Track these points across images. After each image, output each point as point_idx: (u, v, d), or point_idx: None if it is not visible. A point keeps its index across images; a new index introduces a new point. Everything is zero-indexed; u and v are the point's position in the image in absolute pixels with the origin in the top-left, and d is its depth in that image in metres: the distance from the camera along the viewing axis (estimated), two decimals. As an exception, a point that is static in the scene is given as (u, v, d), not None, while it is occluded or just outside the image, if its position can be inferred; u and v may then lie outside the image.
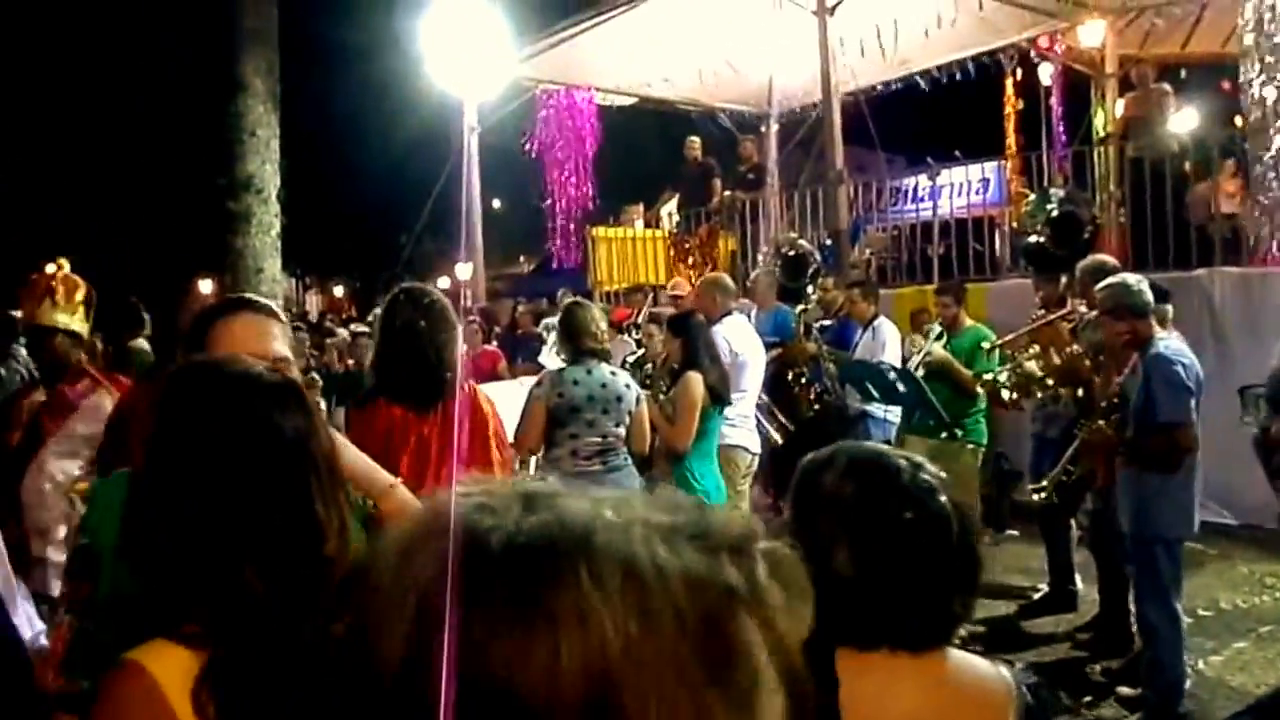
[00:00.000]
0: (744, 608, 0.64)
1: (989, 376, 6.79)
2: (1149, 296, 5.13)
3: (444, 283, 31.07)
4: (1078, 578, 6.59)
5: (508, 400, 6.23)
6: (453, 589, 0.58)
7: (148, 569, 1.48)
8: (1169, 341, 5.08)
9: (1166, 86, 10.56)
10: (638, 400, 5.26)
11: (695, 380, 5.71)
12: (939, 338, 7.45)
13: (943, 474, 1.71)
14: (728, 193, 13.14)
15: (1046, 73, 13.15)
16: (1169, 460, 4.90)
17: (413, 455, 3.65)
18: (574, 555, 0.61)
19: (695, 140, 13.97)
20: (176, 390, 1.59)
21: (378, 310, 10.44)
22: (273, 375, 1.63)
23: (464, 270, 26.63)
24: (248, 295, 2.13)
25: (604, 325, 5.67)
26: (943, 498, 1.66)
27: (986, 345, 7.04)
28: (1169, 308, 6.06)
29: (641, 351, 7.79)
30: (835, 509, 1.66)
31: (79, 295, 4.46)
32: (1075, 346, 6.21)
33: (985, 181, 14.21)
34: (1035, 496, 5.87)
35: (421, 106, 14.31)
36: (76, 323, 4.42)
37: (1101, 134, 12.13)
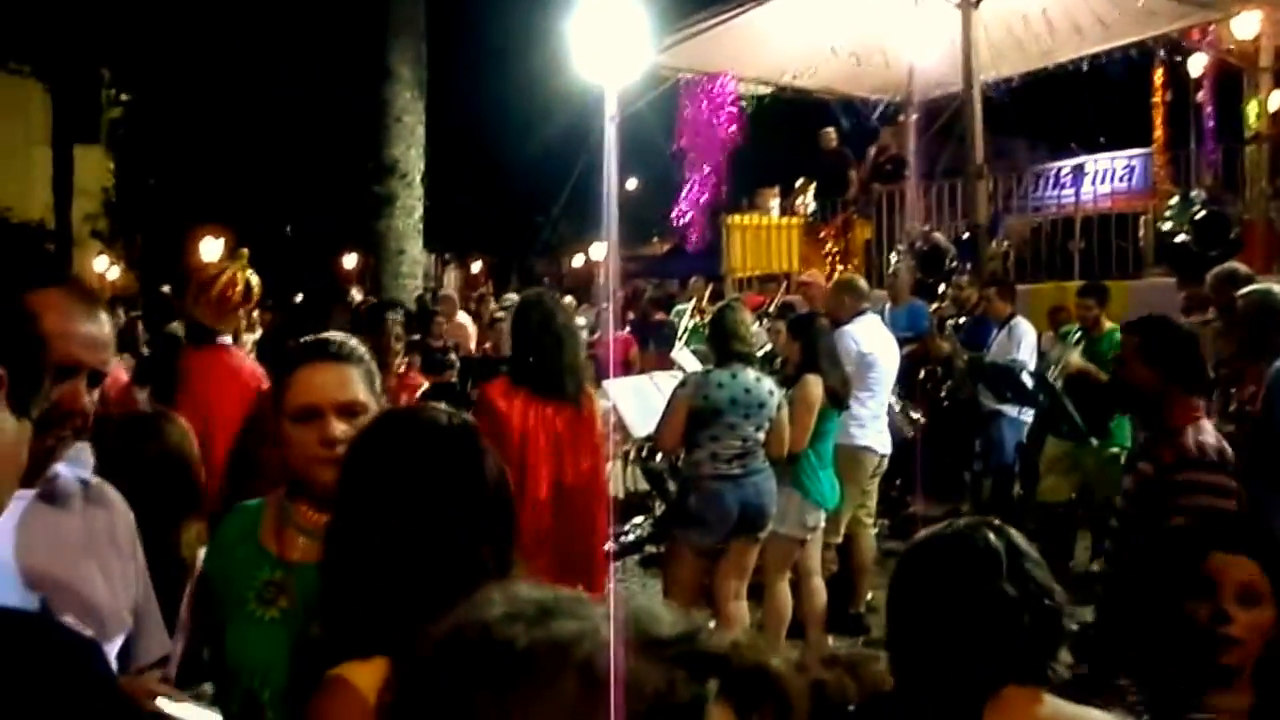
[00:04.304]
0: None
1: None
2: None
3: (578, 261, 31.52)
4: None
5: (636, 395, 6.45)
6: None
7: (350, 601, 1.66)
8: None
9: None
10: (778, 406, 5.35)
11: (813, 382, 5.69)
12: (1077, 342, 7.36)
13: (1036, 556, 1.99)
14: (864, 182, 13.10)
15: (1197, 64, 12.68)
16: None
17: (543, 441, 4.26)
18: (548, 666, 0.77)
19: (831, 131, 13.93)
20: (376, 443, 1.76)
21: (512, 296, 10.75)
22: (459, 420, 1.80)
23: (598, 250, 26.97)
24: (326, 339, 2.21)
25: (754, 329, 5.79)
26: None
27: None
28: None
29: (771, 347, 7.89)
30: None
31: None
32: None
33: (1130, 169, 13.82)
34: None
35: (562, 94, 14.54)
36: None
37: (1253, 129, 11.68)
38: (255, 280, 4.53)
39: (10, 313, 1.23)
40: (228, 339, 4.52)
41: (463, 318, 12.29)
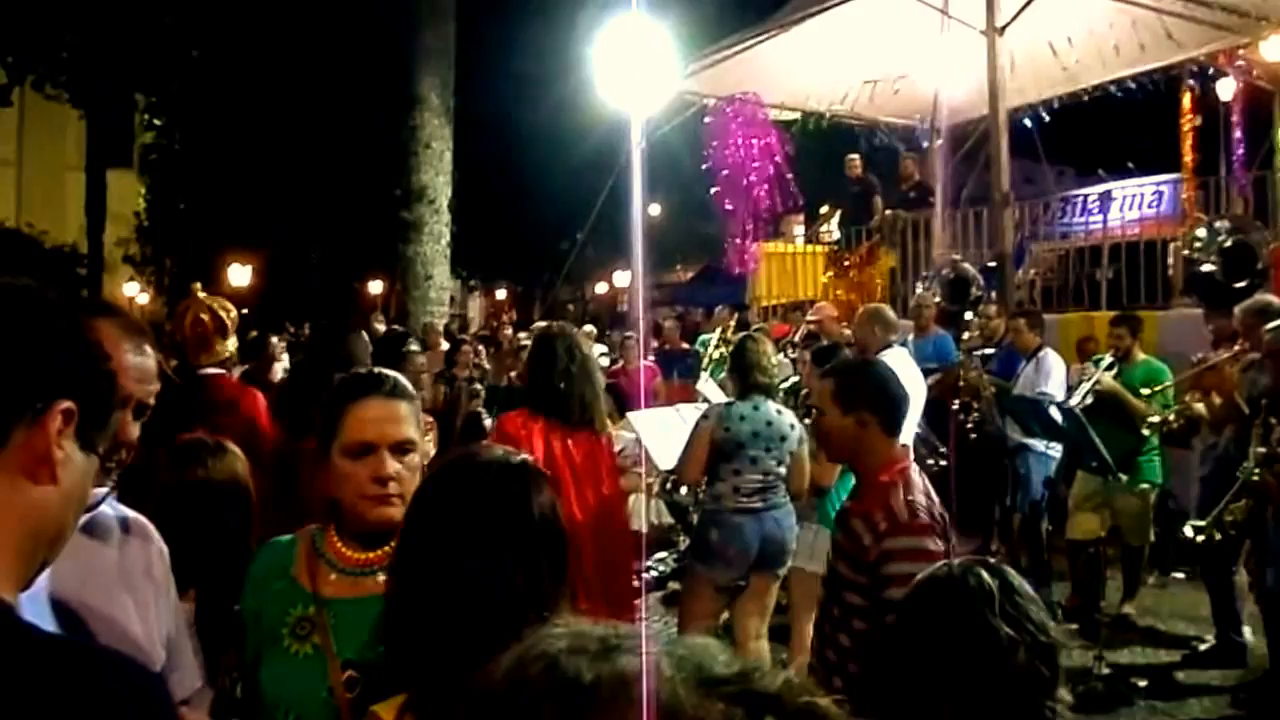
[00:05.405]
0: None
1: (1155, 419, 6.63)
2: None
3: (601, 288, 31.57)
4: (1246, 630, 6.31)
5: (661, 427, 6.41)
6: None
7: (408, 638, 1.68)
8: None
9: None
10: (800, 440, 5.31)
11: None
12: (1110, 368, 7.26)
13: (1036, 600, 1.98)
14: (889, 211, 13.03)
15: (1227, 88, 12.56)
16: None
17: (564, 471, 4.29)
18: (613, 700, 0.76)
19: (855, 157, 13.88)
20: (435, 482, 1.78)
21: (540, 324, 10.67)
22: (518, 459, 1.80)
23: (622, 278, 27.00)
24: (380, 374, 2.23)
25: (775, 360, 5.76)
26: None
27: (1146, 392, 6.89)
28: None
29: (798, 378, 7.82)
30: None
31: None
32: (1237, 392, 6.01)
33: (1159, 195, 13.72)
34: (1196, 537, 5.63)
35: (588, 119, 14.61)
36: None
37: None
38: (223, 312, 4.52)
39: (84, 349, 1.22)
40: (214, 370, 4.51)
41: (445, 347, 12.37)
